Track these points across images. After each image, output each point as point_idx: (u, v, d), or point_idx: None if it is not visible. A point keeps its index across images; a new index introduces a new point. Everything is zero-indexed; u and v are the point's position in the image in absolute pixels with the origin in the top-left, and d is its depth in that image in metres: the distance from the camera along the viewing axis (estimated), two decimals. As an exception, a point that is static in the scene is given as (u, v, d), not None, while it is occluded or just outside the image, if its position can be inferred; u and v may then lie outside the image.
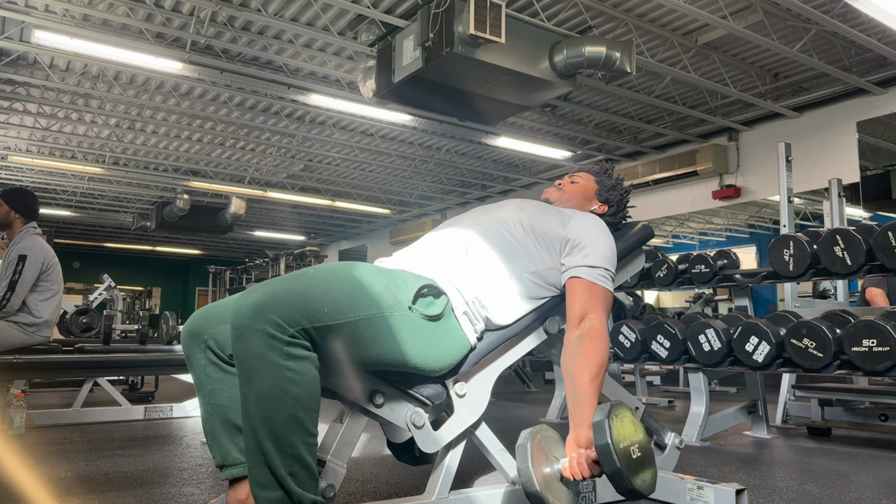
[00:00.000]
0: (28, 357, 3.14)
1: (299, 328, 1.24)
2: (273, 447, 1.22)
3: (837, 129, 7.20)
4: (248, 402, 1.23)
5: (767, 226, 12.68)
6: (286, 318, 1.23)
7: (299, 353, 1.25)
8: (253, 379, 1.23)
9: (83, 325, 5.71)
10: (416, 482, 2.18)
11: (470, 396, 1.60)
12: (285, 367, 1.23)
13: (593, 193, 1.93)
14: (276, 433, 1.22)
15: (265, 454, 1.22)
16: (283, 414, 1.22)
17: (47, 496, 1.98)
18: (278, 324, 1.22)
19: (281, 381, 1.22)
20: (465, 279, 1.57)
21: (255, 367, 1.22)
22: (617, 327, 3.42)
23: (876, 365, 2.50)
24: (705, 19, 5.41)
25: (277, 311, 1.23)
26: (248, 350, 1.23)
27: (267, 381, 1.22)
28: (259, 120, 8.27)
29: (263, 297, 1.25)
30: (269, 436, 1.22)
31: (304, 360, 1.25)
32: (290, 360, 1.23)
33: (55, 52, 5.98)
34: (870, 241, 2.75)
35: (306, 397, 1.25)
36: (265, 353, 1.22)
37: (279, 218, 14.28)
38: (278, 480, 1.22)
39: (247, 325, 1.23)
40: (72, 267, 16.90)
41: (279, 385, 1.22)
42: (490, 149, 9.38)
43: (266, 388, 1.22)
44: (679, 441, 2.11)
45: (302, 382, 1.24)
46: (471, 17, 4.43)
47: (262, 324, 1.22)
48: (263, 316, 1.22)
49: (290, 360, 1.23)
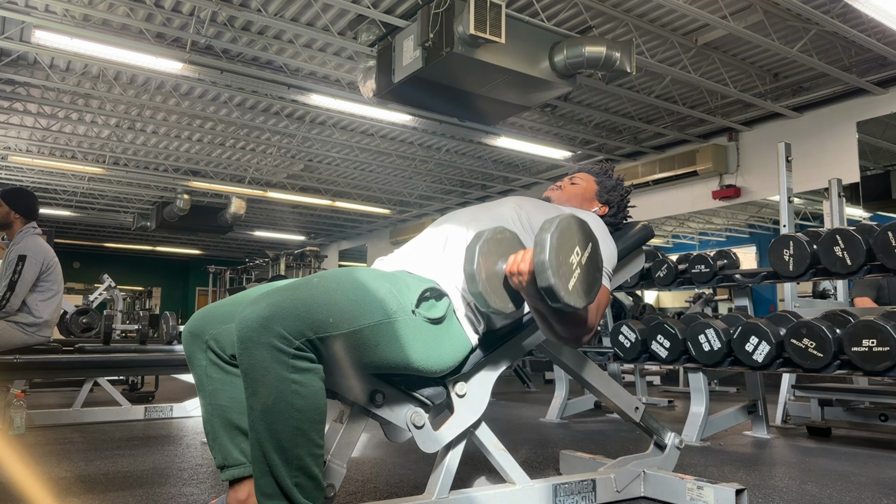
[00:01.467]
0: (28, 357, 3.14)
1: (304, 339, 1.25)
2: (279, 459, 1.22)
3: (837, 129, 7.20)
4: (255, 414, 1.24)
5: (767, 226, 12.69)
6: (291, 330, 1.23)
7: (305, 365, 1.25)
8: (259, 392, 1.23)
9: (83, 325, 5.71)
10: (416, 482, 2.18)
11: (470, 396, 1.60)
12: (291, 379, 1.23)
13: (593, 195, 1.93)
14: (281, 445, 1.23)
15: (271, 465, 1.23)
16: (289, 426, 1.23)
17: (47, 496, 1.98)
18: (284, 336, 1.23)
19: (286, 394, 1.23)
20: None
21: (260, 381, 1.23)
22: (617, 327, 3.42)
23: (876, 365, 2.50)
24: (705, 19, 5.41)
25: (283, 323, 1.23)
26: (254, 363, 1.23)
27: (273, 395, 1.22)
28: (259, 120, 8.28)
29: (268, 310, 1.24)
30: (274, 447, 1.22)
31: (309, 372, 1.26)
32: (296, 373, 1.24)
33: (55, 52, 5.98)
34: (870, 241, 2.75)
35: (312, 409, 1.25)
36: (271, 367, 1.22)
37: (279, 218, 14.28)
38: (283, 491, 1.23)
39: (252, 337, 1.23)
40: (72, 267, 16.91)
41: (284, 398, 1.22)
42: (490, 149, 9.38)
43: (272, 401, 1.22)
44: (679, 441, 2.11)
45: (307, 395, 1.25)
46: (471, 17, 4.43)
47: (268, 336, 1.22)
48: (269, 329, 1.22)
49: (295, 373, 1.24)
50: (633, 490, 1.96)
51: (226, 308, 1.47)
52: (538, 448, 2.93)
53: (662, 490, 1.94)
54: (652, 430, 2.08)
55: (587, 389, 3.15)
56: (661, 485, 1.95)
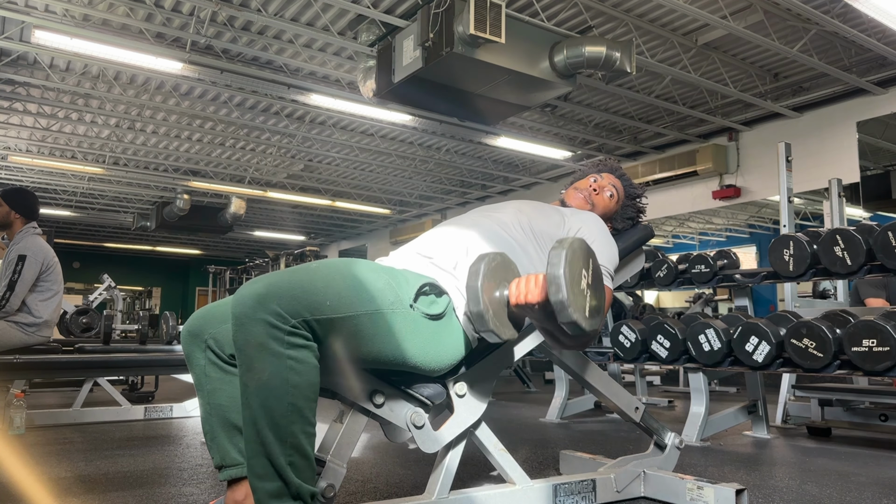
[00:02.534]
0: (28, 357, 3.14)
1: (301, 319, 1.24)
2: (273, 436, 1.22)
3: (837, 129, 7.20)
4: (249, 390, 1.23)
5: (767, 226, 12.69)
6: (288, 308, 1.23)
7: (300, 342, 1.25)
8: (253, 368, 1.23)
9: (83, 325, 5.71)
10: (416, 482, 2.18)
11: (470, 396, 1.60)
12: (286, 355, 1.23)
13: (612, 214, 1.96)
14: (276, 422, 1.22)
15: (264, 444, 1.22)
16: (284, 402, 1.22)
17: (47, 496, 1.98)
18: (280, 314, 1.22)
19: (282, 370, 1.22)
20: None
21: (255, 356, 1.22)
22: (617, 327, 3.42)
23: (876, 365, 2.50)
24: (705, 19, 5.41)
25: (279, 301, 1.23)
26: (249, 339, 1.23)
27: (268, 370, 1.22)
28: (259, 120, 8.28)
29: (265, 288, 1.24)
30: (269, 424, 1.22)
31: (304, 348, 1.25)
32: (292, 349, 1.23)
33: (55, 52, 5.97)
34: (870, 241, 2.75)
35: (306, 386, 1.25)
36: (266, 342, 1.22)
37: (279, 218, 14.28)
38: (277, 471, 1.22)
39: (248, 314, 1.23)
40: (72, 267, 16.91)
41: (280, 373, 1.22)
42: (490, 149, 9.38)
43: (267, 376, 1.22)
44: (679, 441, 2.11)
45: (302, 371, 1.24)
46: (471, 17, 4.43)
47: (264, 313, 1.22)
48: (265, 306, 1.22)
49: (291, 349, 1.23)
50: (633, 490, 1.96)
51: (225, 308, 1.46)
52: (538, 448, 2.93)
53: (662, 490, 1.94)
54: (652, 430, 2.08)
55: (587, 389, 3.14)
56: (661, 485, 1.95)
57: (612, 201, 1.94)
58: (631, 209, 1.96)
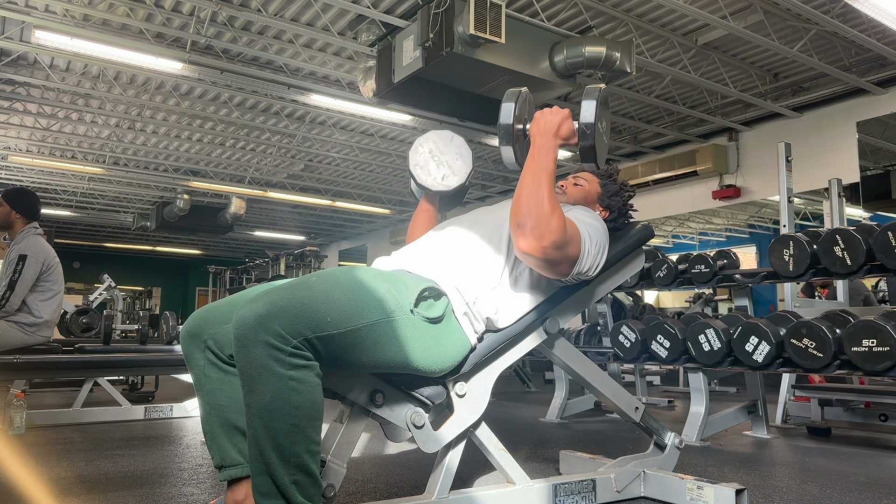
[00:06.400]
0: (28, 357, 3.14)
1: (302, 339, 1.25)
2: (276, 457, 1.22)
3: (837, 129, 7.20)
4: (252, 412, 1.24)
5: (767, 226, 12.68)
6: (289, 328, 1.23)
7: (301, 362, 1.25)
8: (255, 390, 1.23)
9: (83, 325, 5.72)
10: (416, 482, 2.18)
11: (470, 396, 1.60)
12: (288, 377, 1.23)
13: (596, 198, 1.92)
14: (279, 443, 1.22)
15: (268, 464, 1.22)
16: (286, 423, 1.22)
17: (47, 496, 1.98)
18: (281, 335, 1.23)
19: (283, 391, 1.22)
20: (466, 280, 1.57)
21: (257, 379, 1.23)
22: (617, 327, 3.42)
23: (876, 365, 2.50)
24: (705, 19, 5.41)
25: (280, 321, 1.23)
26: (251, 361, 1.23)
27: (270, 392, 1.22)
28: (259, 120, 8.28)
29: (266, 308, 1.24)
30: (272, 445, 1.22)
31: (306, 368, 1.26)
32: (293, 370, 1.24)
33: (55, 52, 5.98)
34: (870, 241, 2.75)
35: (309, 406, 1.25)
36: (268, 364, 1.22)
37: (279, 218, 14.28)
38: (280, 490, 1.23)
39: (249, 336, 1.23)
40: (72, 267, 16.89)
41: (282, 395, 1.22)
42: (490, 149, 9.37)
43: (269, 398, 1.22)
44: (679, 441, 2.11)
45: (304, 392, 1.24)
46: (471, 17, 4.43)
47: (265, 335, 1.22)
48: (266, 327, 1.22)
49: (292, 370, 1.24)
50: (633, 490, 1.96)
51: (224, 308, 1.47)
52: (538, 448, 2.93)
53: (662, 490, 1.94)
54: (652, 430, 2.08)
55: (587, 389, 3.15)
56: (661, 485, 1.95)
57: (586, 185, 1.91)
58: (611, 184, 1.95)
